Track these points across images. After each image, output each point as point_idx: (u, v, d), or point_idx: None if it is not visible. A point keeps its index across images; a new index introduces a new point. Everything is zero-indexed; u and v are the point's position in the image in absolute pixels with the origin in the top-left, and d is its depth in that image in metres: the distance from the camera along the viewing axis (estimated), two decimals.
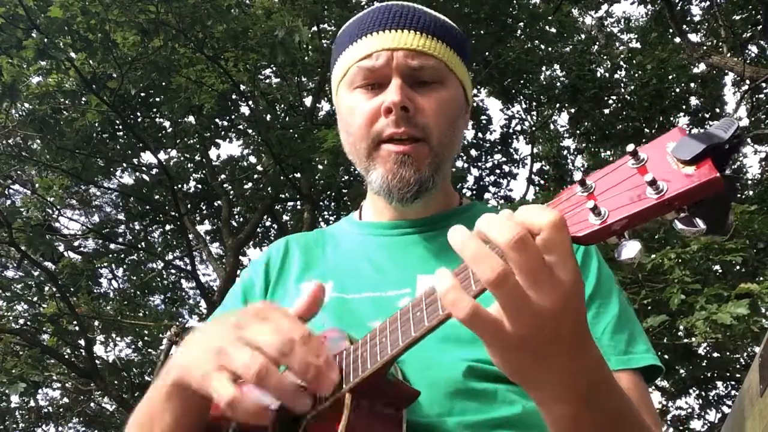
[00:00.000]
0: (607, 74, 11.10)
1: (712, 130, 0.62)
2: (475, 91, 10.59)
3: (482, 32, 9.20)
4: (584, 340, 0.74)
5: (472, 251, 0.69)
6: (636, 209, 0.63)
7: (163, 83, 8.33)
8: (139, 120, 9.38)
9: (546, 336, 0.70)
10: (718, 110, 11.34)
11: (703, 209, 0.62)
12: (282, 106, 10.18)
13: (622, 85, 10.89)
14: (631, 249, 0.64)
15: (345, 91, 1.21)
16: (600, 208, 0.65)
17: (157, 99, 8.85)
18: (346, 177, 9.99)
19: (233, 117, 9.36)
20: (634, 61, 10.67)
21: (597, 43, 11.83)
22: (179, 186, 10.27)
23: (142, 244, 11.30)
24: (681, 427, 11.29)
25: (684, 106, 11.02)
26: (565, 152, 12.14)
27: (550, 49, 10.81)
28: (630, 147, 0.65)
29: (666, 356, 7.30)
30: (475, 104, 10.89)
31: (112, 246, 10.95)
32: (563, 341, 0.71)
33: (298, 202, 11.08)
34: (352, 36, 1.21)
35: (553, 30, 10.51)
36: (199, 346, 0.87)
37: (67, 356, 9.93)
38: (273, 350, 0.78)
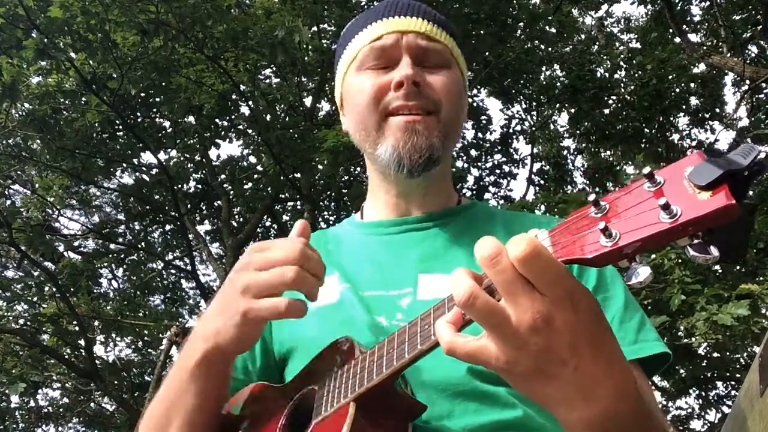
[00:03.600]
0: (607, 74, 11.10)
1: (731, 155, 0.60)
2: (475, 91, 10.59)
3: (482, 32, 9.18)
4: (596, 356, 0.72)
5: (453, 279, 0.72)
6: (648, 233, 0.61)
7: (163, 83, 8.32)
8: (139, 120, 9.37)
9: (537, 351, 0.69)
10: (718, 110, 11.35)
11: (718, 236, 0.60)
12: (282, 106, 10.17)
13: (622, 85, 10.89)
14: (641, 274, 0.63)
15: (353, 72, 1.23)
16: (611, 230, 0.64)
17: (157, 99, 8.84)
18: (346, 177, 9.99)
19: (233, 117, 9.34)
20: (634, 61, 10.67)
21: (597, 43, 11.83)
22: (179, 186, 10.26)
23: (142, 244, 11.30)
24: (681, 427, 11.30)
25: (684, 106, 11.02)
26: (565, 152, 12.14)
27: (550, 49, 10.81)
28: (646, 170, 0.64)
29: None
30: (475, 104, 10.89)
31: (112, 246, 10.95)
32: (564, 357, 0.69)
33: (298, 202, 11.07)
34: (361, 24, 1.25)
35: (553, 30, 10.51)
36: (214, 313, 0.94)
37: (67, 356, 9.94)
38: (292, 260, 0.90)
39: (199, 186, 11.02)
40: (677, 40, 9.55)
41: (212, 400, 0.99)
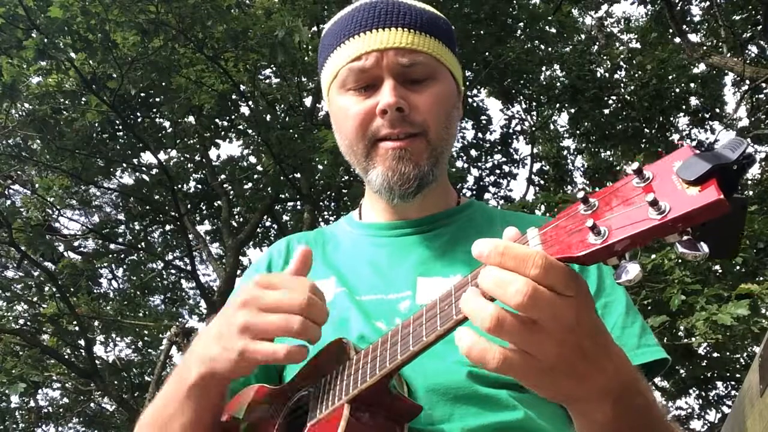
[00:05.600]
0: (607, 74, 11.10)
1: (719, 149, 0.59)
2: (475, 91, 10.59)
3: (482, 32, 9.19)
4: (608, 345, 0.75)
5: (469, 307, 0.71)
6: (636, 230, 0.60)
7: (163, 83, 8.31)
8: (139, 120, 9.37)
9: (572, 350, 0.70)
10: (718, 110, 11.35)
11: (709, 232, 0.59)
12: (282, 106, 10.16)
13: (622, 85, 10.89)
14: (631, 272, 0.62)
15: (336, 93, 1.20)
16: (600, 228, 0.63)
17: (157, 99, 8.84)
18: (346, 177, 9.98)
19: (233, 117, 9.35)
20: (634, 62, 10.68)
21: (597, 43, 11.82)
22: (179, 186, 10.26)
23: (142, 244, 11.30)
24: (681, 427, 11.29)
25: (684, 106, 11.03)
26: (565, 152, 12.14)
27: (550, 49, 10.81)
28: (635, 165, 0.63)
29: None
30: (475, 104, 10.89)
31: (112, 246, 10.95)
32: (589, 352, 0.71)
33: (298, 202, 11.07)
34: (339, 36, 1.19)
35: (553, 30, 10.51)
36: (213, 338, 0.93)
37: (67, 356, 9.94)
38: (298, 307, 0.88)
39: (199, 186, 11.02)
40: (677, 40, 9.55)
41: (209, 415, 1.01)
